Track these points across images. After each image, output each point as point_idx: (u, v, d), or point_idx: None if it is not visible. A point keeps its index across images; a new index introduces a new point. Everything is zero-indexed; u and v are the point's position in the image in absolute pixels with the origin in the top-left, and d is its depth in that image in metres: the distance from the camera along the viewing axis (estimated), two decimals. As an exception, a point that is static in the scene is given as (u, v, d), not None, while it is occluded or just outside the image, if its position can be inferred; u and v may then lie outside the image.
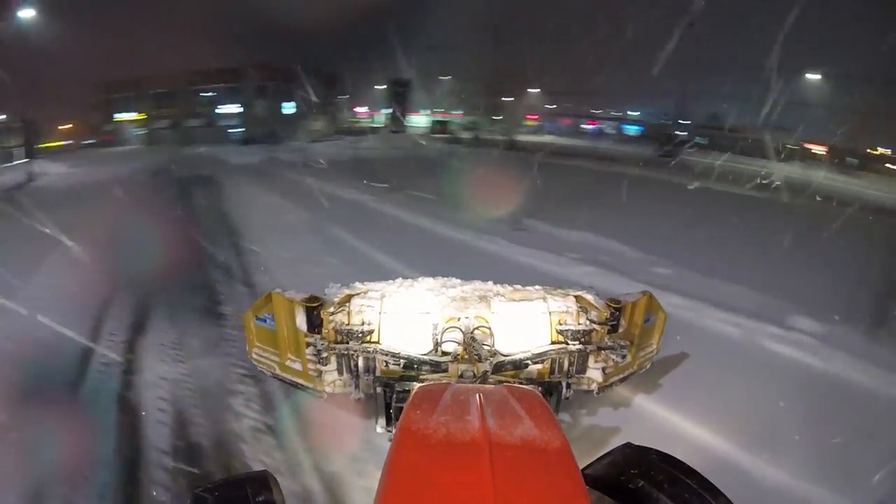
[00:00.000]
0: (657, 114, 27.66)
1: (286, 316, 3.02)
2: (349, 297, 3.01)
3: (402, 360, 2.82)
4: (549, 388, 2.77)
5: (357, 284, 3.13)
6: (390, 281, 3.18)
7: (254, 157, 18.78)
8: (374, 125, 29.81)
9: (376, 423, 2.71)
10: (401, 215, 10.23)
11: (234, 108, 26.30)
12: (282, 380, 3.24)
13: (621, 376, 3.28)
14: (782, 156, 21.69)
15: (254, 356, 3.31)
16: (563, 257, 7.03)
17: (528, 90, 30.22)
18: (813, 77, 23.83)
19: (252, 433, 3.74)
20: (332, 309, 2.94)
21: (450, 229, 8.88)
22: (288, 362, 3.14)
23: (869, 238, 8.54)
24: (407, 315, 2.96)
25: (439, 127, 28.79)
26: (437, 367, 2.77)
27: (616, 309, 3.01)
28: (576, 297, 3.08)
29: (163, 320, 5.52)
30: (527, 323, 2.97)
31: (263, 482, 1.79)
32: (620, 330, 3.10)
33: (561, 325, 2.99)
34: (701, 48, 22.49)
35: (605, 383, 3.16)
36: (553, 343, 2.96)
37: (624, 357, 3.07)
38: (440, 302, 2.98)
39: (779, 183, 13.10)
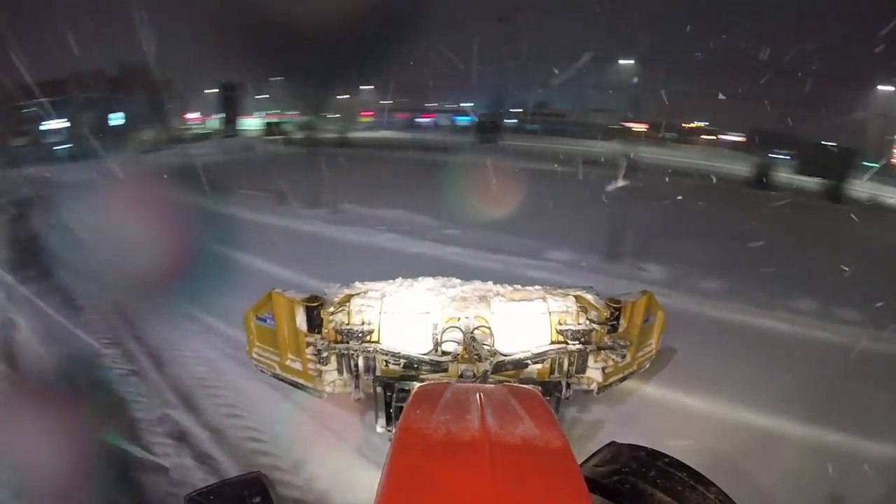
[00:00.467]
0: (488, 104, 28.76)
1: (286, 315, 3.02)
2: (349, 297, 3.01)
3: (402, 360, 2.82)
4: (549, 388, 2.77)
5: (357, 284, 3.12)
6: (390, 281, 3.17)
7: (82, 174, 16.32)
8: (207, 131, 28.63)
9: (376, 422, 2.70)
10: (235, 212, 10.76)
11: (60, 124, 23.61)
12: (282, 379, 3.22)
13: (620, 376, 3.28)
14: (601, 135, 23.55)
15: (254, 355, 3.29)
16: (372, 230, 8.52)
17: (362, 87, 30.57)
18: (627, 62, 26.32)
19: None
20: (332, 309, 2.93)
21: (276, 218, 9.89)
22: (288, 362, 3.12)
23: (650, 192, 9.98)
24: (407, 315, 2.96)
25: (272, 129, 28.17)
26: (437, 366, 2.76)
27: (616, 309, 3.01)
28: (575, 296, 3.08)
29: None
30: (527, 323, 2.98)
31: (258, 484, 1.78)
32: (620, 330, 3.10)
33: (561, 324, 2.99)
34: (528, 39, 24.47)
35: (604, 383, 3.16)
36: (553, 343, 2.96)
37: (624, 357, 3.08)
38: (440, 302, 2.98)
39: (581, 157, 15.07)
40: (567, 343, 2.95)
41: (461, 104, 29.79)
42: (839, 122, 19.05)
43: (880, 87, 21.79)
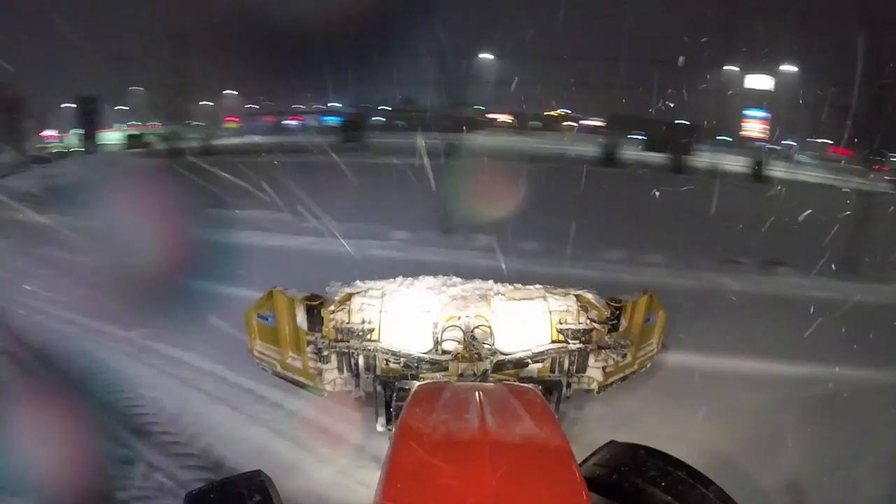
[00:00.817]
0: (353, 103, 28.54)
1: (287, 314, 3.02)
2: (350, 296, 3.01)
3: (402, 359, 2.82)
4: (550, 387, 2.76)
5: (358, 283, 3.12)
6: (391, 280, 3.17)
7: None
8: (65, 148, 26.96)
9: (376, 421, 2.69)
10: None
11: None
12: (283, 377, 3.21)
13: (621, 375, 3.27)
14: (465, 128, 24.05)
15: (255, 353, 3.28)
16: (231, 230, 8.79)
17: (225, 92, 29.37)
18: (488, 57, 26.63)
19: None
20: (332, 307, 2.93)
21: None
22: (289, 360, 3.12)
23: (494, 176, 10.79)
24: (407, 314, 2.96)
25: (134, 141, 26.84)
26: (437, 365, 2.76)
27: (616, 308, 3.00)
28: (576, 296, 3.08)
29: None
30: (527, 322, 2.97)
31: (258, 482, 1.78)
32: (621, 329, 3.09)
33: (561, 323, 2.99)
34: (393, 37, 23.44)
35: (605, 382, 3.15)
36: (553, 342, 2.96)
37: (624, 356, 3.07)
38: (440, 301, 2.98)
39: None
40: (567, 342, 2.95)
41: (329, 104, 29.42)
42: (691, 102, 21.13)
43: (727, 68, 24.46)
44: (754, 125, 25.64)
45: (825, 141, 25.89)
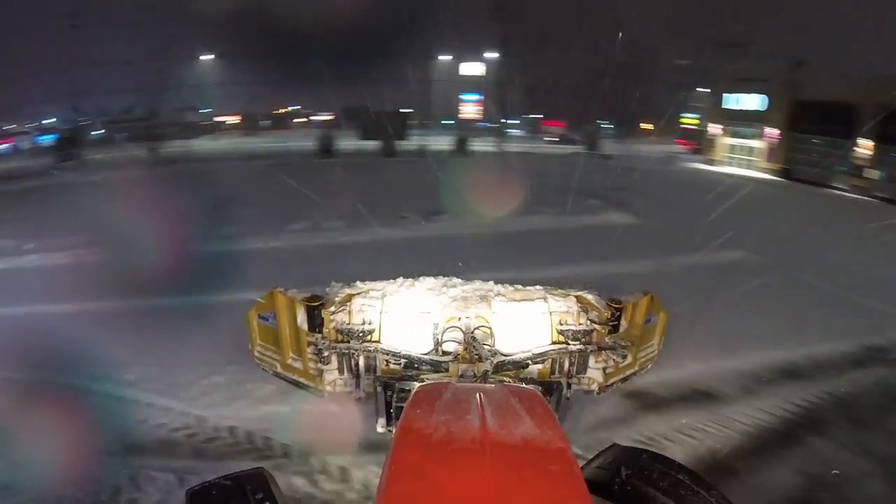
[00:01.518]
0: (70, 118, 25.88)
1: (287, 314, 3.02)
2: (350, 297, 3.01)
3: (402, 360, 2.82)
4: (550, 388, 2.75)
5: (358, 283, 3.13)
6: (391, 280, 3.17)
7: None
8: None
9: (377, 422, 2.69)
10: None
11: None
12: (283, 378, 3.22)
13: (622, 376, 3.27)
14: (191, 133, 25.01)
15: (256, 354, 3.29)
16: None
17: None
18: (207, 58, 27.16)
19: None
20: (333, 308, 2.93)
21: None
22: (290, 361, 3.12)
23: (210, 178, 12.73)
24: (408, 314, 2.96)
25: None
26: (437, 366, 2.76)
27: (617, 309, 3.00)
28: (576, 297, 3.08)
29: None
30: (527, 323, 2.97)
31: (260, 479, 1.77)
32: (621, 330, 3.08)
33: (562, 325, 2.99)
34: (105, 42, 23.79)
35: (605, 383, 3.15)
36: (554, 343, 2.96)
37: (625, 357, 3.07)
38: (441, 301, 2.98)
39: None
40: (568, 343, 2.95)
41: (44, 122, 26.37)
42: (417, 92, 24.87)
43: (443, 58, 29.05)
44: (469, 107, 30.19)
45: (537, 116, 32.56)
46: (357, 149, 22.09)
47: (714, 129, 23.30)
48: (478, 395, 1.87)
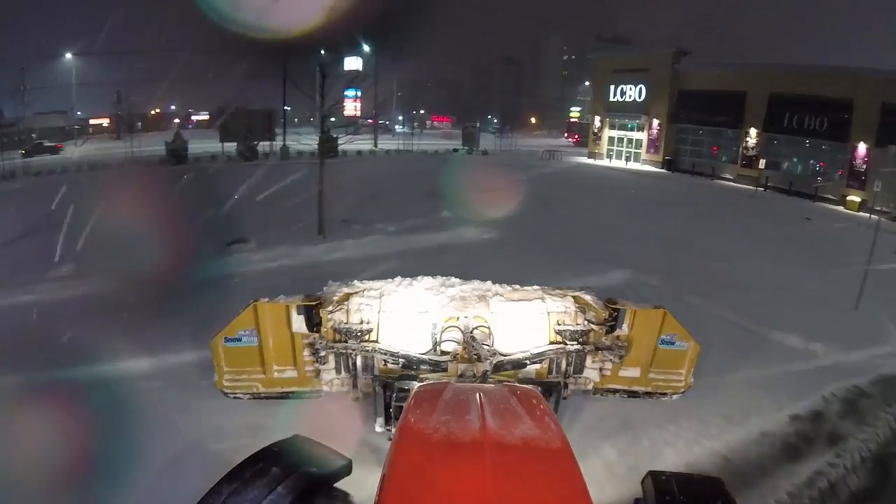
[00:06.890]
0: None
1: (275, 324, 2.94)
2: (348, 296, 3.04)
3: (400, 360, 2.88)
4: (549, 388, 2.77)
5: (356, 283, 3.16)
6: (389, 280, 3.21)
7: None
8: None
9: (375, 422, 2.72)
10: None
11: None
12: (266, 397, 3.08)
13: (627, 388, 3.22)
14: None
15: (225, 384, 3.07)
16: None
17: None
18: (68, 57, 24.92)
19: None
20: (330, 307, 2.96)
21: None
22: (275, 374, 3.04)
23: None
24: (406, 314, 3.01)
25: None
26: (436, 366, 2.82)
27: (614, 310, 3.05)
28: (574, 297, 3.14)
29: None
30: (525, 323, 3.04)
31: (296, 446, 1.82)
32: (618, 332, 3.10)
33: (559, 325, 3.05)
34: None
35: (605, 386, 3.20)
36: (551, 343, 3.03)
37: (621, 358, 3.10)
38: (439, 301, 3.03)
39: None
40: (565, 343, 3.01)
41: None
42: (289, 89, 20.20)
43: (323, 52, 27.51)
44: (350, 104, 28.37)
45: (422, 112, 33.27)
46: (217, 152, 19.13)
47: (596, 121, 23.33)
48: (478, 394, 1.89)
